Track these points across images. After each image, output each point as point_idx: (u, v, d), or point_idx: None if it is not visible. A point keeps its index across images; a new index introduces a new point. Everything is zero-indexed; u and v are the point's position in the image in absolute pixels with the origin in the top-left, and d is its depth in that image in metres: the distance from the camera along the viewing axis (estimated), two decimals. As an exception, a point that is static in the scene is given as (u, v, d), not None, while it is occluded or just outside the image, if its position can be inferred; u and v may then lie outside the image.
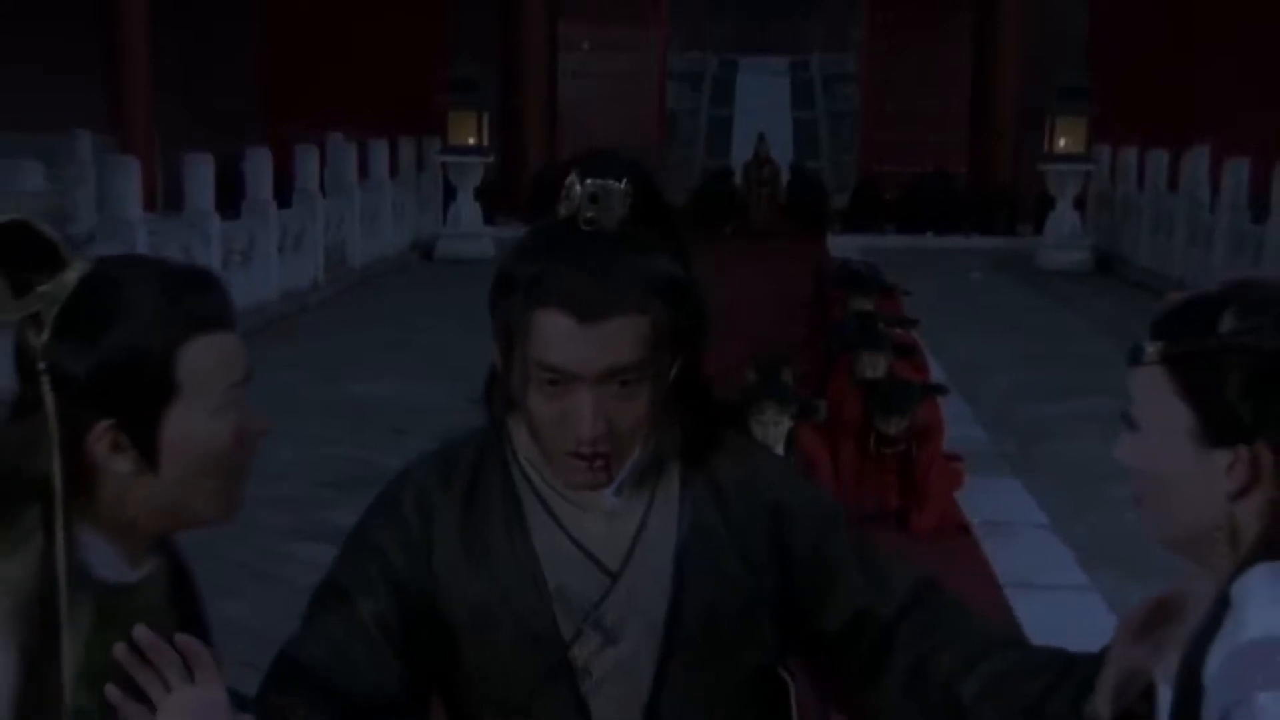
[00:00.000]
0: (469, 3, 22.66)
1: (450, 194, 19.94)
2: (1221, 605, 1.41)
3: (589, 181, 1.65)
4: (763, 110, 30.70)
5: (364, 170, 18.31)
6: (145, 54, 18.42)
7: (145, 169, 12.82)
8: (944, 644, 1.77)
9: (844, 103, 30.71)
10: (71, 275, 1.43)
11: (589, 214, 1.65)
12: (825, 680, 1.88)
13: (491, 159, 19.79)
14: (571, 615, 1.71)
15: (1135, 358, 1.47)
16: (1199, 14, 21.21)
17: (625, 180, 1.66)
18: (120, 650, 1.35)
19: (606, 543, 1.72)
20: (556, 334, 1.62)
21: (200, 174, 13.33)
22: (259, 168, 15.09)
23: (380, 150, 18.94)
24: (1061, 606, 5.92)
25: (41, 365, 1.40)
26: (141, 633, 1.36)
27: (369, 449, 8.52)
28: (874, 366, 6.92)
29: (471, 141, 19.38)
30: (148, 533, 1.49)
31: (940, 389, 7.43)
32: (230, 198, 14.36)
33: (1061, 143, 19.16)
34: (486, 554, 1.73)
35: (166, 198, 15.56)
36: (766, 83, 34.50)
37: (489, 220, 19.75)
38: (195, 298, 1.47)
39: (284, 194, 15.53)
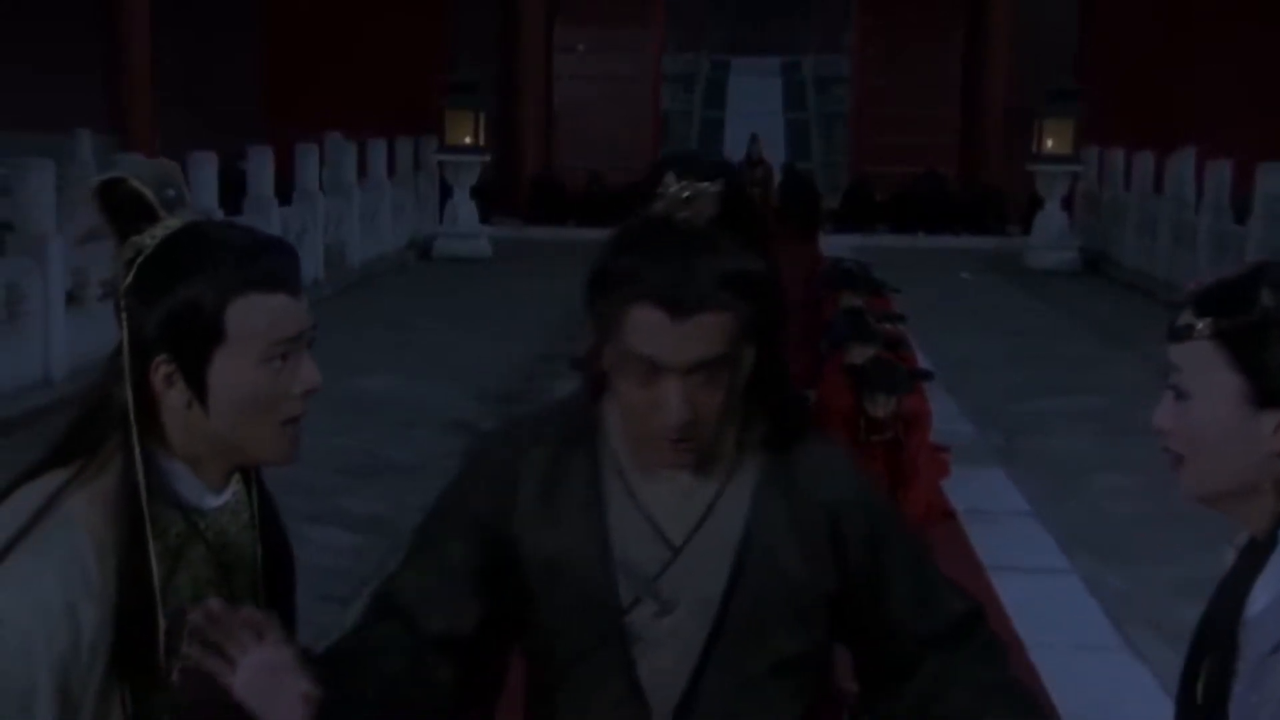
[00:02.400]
0: (469, 4, 22.86)
1: (447, 193, 19.99)
2: (1264, 549, 1.54)
3: (684, 183, 1.76)
4: (755, 112, 30.84)
5: (363, 170, 18.44)
6: (146, 54, 18.56)
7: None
8: (962, 685, 1.84)
9: (836, 104, 30.84)
10: (159, 230, 1.63)
11: (683, 214, 1.76)
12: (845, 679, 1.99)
13: (488, 159, 19.89)
14: (632, 583, 1.79)
15: (1183, 333, 1.58)
16: (1188, 19, 21.45)
17: (717, 181, 1.78)
18: (195, 616, 1.55)
19: (675, 518, 1.81)
20: (650, 327, 1.70)
21: (204, 173, 13.53)
22: (260, 166, 15.26)
23: (378, 150, 19.01)
24: (1042, 588, 6.12)
25: (122, 304, 1.63)
26: (214, 603, 1.56)
27: (373, 442, 8.75)
28: (863, 355, 7.07)
29: (468, 141, 19.43)
30: (218, 466, 1.69)
31: (926, 374, 7.60)
32: (229, 197, 14.52)
33: (1049, 144, 19.31)
34: (562, 517, 1.83)
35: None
36: (759, 84, 34.56)
37: (485, 219, 19.88)
38: (257, 260, 1.64)
39: (282, 194, 15.69)
